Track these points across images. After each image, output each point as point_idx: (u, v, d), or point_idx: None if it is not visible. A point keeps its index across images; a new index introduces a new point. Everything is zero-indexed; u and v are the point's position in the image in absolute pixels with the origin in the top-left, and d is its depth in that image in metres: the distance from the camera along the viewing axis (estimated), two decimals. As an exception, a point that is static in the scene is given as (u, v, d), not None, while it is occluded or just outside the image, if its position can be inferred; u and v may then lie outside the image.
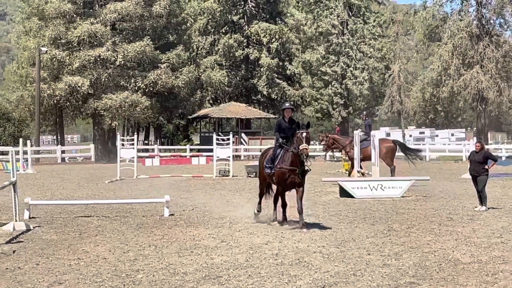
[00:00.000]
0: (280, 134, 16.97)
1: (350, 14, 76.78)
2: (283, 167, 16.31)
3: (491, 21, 66.42)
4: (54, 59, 58.67)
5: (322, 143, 33.99)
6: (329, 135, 32.62)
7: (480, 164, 20.31)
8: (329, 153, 38.32)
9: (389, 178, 26.68)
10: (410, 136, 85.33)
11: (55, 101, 59.53)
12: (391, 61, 78.31)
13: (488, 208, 19.97)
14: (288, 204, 17.45)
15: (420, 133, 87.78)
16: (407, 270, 11.41)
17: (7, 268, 11.94)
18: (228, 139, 37.96)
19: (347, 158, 33.52)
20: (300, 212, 16.18)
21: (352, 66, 75.23)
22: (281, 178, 16.49)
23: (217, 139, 38.12)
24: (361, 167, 29.51)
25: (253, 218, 17.91)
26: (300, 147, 15.78)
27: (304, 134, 15.92)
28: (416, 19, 70.49)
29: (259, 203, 18.06)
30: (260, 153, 21.64)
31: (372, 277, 10.96)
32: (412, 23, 72.87)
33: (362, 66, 74.98)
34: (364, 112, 35.63)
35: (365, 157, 29.51)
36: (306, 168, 16.45)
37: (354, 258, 12.57)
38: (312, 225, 16.68)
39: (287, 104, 17.69)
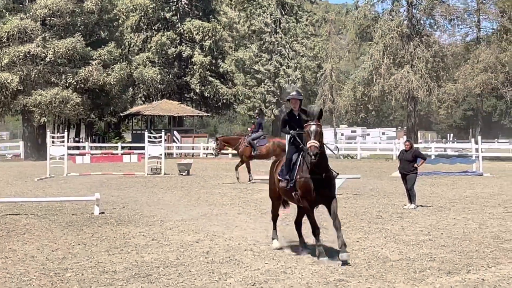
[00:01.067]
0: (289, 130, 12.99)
1: (283, 13, 77.12)
2: (304, 176, 12.22)
3: (421, 22, 67.44)
4: (-17, 55, 57.53)
5: (214, 147, 34.93)
6: (219, 138, 33.77)
7: (410, 162, 20.65)
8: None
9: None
10: (342, 134, 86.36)
11: (-17, 97, 58.36)
12: (323, 60, 79.06)
13: (417, 206, 20.25)
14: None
15: (352, 131, 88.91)
16: (336, 268, 11.47)
17: None
18: (160, 137, 37.85)
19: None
20: (338, 227, 12.09)
21: (285, 64, 75.59)
22: (305, 190, 12.26)
23: (149, 137, 38.00)
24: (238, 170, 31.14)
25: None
26: (308, 144, 11.87)
27: (313, 127, 11.96)
28: (348, 19, 71.07)
29: (274, 227, 13.89)
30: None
31: (302, 274, 11.00)
32: (344, 23, 73.38)
33: (295, 65, 75.37)
34: (257, 110, 36.20)
35: (262, 155, 31.42)
36: (334, 173, 12.64)
37: (285, 255, 12.62)
38: (244, 223, 16.68)
39: (294, 93, 13.29)
